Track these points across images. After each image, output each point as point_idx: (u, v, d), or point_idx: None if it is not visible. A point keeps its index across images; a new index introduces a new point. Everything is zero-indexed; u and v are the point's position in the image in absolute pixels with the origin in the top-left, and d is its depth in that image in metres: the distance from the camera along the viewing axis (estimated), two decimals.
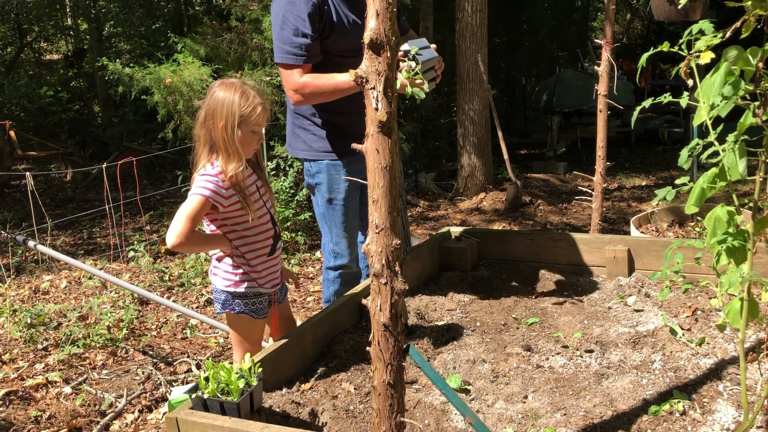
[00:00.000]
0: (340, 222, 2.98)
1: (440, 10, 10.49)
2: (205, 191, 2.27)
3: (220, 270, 2.45)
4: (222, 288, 2.44)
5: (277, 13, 2.74)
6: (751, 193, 1.63)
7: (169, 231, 2.24)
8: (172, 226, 2.23)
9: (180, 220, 2.23)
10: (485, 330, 2.72)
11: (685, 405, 2.03)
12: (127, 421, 3.15)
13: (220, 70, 6.71)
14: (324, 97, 2.78)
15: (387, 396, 1.58)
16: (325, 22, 2.75)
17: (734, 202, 1.63)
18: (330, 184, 2.93)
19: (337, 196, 2.95)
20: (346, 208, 2.97)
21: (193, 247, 2.34)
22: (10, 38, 16.42)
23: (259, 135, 2.43)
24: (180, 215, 2.24)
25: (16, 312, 4.37)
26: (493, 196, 7.92)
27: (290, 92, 2.78)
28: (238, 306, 2.45)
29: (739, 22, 1.55)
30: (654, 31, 16.83)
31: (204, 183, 2.29)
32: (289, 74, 2.75)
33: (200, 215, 2.29)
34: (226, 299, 2.45)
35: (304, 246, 5.94)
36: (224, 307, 2.46)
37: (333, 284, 3.10)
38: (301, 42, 2.69)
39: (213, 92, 2.35)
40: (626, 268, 3.18)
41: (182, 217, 2.24)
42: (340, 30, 2.78)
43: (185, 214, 2.24)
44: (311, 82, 2.74)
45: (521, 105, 13.21)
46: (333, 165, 2.91)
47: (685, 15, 3.44)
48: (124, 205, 6.66)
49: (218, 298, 2.47)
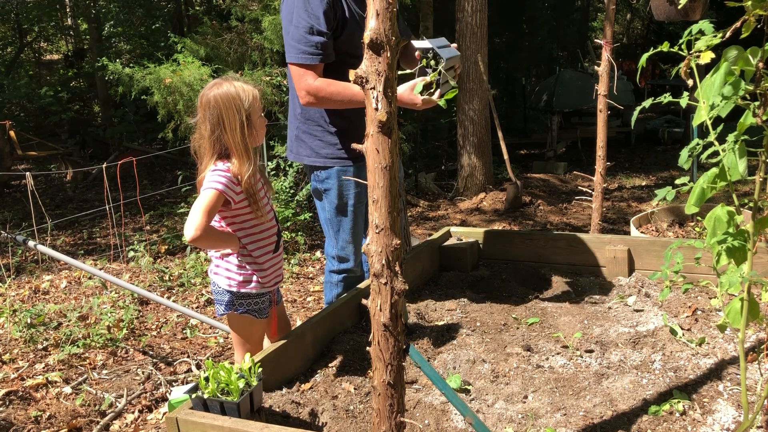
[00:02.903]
0: (348, 228, 2.90)
1: (440, 10, 10.48)
2: (218, 185, 2.28)
3: (224, 270, 2.44)
4: (226, 288, 2.44)
5: (288, 10, 2.64)
6: (751, 193, 1.63)
7: (187, 225, 2.25)
8: (189, 220, 2.24)
9: (197, 214, 2.24)
10: (485, 330, 2.72)
11: (685, 405, 2.03)
12: (127, 421, 3.15)
13: (220, 70, 6.71)
14: (336, 105, 2.69)
15: (387, 396, 1.58)
16: (338, 20, 2.65)
17: (734, 202, 1.63)
18: (340, 190, 2.84)
19: (348, 202, 2.86)
20: (355, 214, 2.89)
21: (210, 242, 2.35)
22: (10, 38, 16.42)
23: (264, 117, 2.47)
24: (196, 209, 2.25)
25: (16, 312, 4.37)
26: (493, 196, 7.92)
27: (302, 93, 2.67)
28: (242, 306, 2.45)
29: (739, 22, 1.55)
30: (654, 31, 16.83)
31: (216, 177, 2.30)
32: (303, 74, 2.64)
33: (215, 209, 2.30)
34: (230, 300, 2.44)
35: (304, 246, 5.94)
36: (228, 308, 2.45)
37: (336, 288, 3.03)
38: (316, 41, 2.59)
39: (207, 100, 2.33)
40: (626, 268, 3.18)
41: (198, 210, 2.25)
42: (352, 27, 2.69)
43: (201, 207, 2.25)
44: (326, 87, 2.63)
45: (521, 105, 13.22)
46: (344, 171, 2.82)
47: (685, 15, 3.44)
48: (124, 205, 6.66)
49: (221, 300, 2.47)
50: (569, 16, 14.72)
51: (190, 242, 2.26)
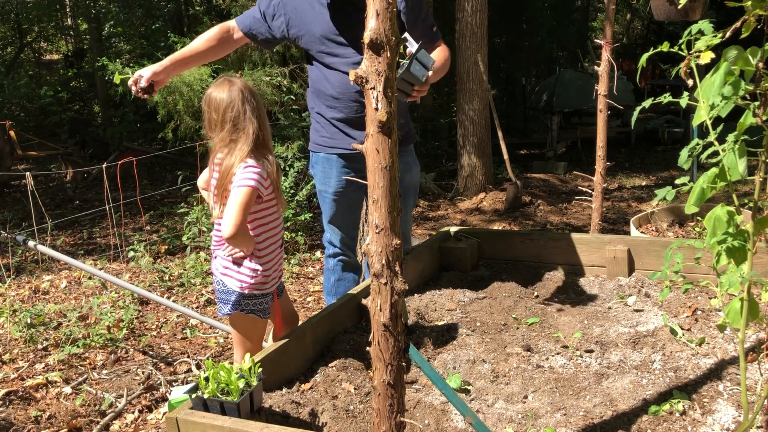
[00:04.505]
0: (329, 214, 3.04)
1: (440, 10, 10.49)
2: (251, 182, 2.32)
3: (235, 272, 2.45)
4: (236, 289, 2.44)
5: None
6: (751, 193, 1.63)
7: (225, 223, 2.28)
8: (227, 218, 2.28)
9: (234, 212, 2.28)
10: (485, 330, 2.72)
11: (685, 405, 2.03)
12: (127, 421, 3.15)
13: (220, 70, 6.70)
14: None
15: (387, 396, 1.58)
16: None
17: (734, 202, 1.63)
18: (322, 176, 2.98)
19: (328, 189, 2.99)
20: (336, 203, 3.00)
21: (244, 239, 2.37)
22: (10, 38, 16.42)
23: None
24: (233, 207, 2.28)
25: (16, 312, 4.37)
26: (493, 196, 7.92)
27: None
28: (248, 306, 2.47)
29: (739, 22, 1.55)
30: (654, 31, 16.84)
31: (249, 174, 2.33)
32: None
33: (250, 205, 2.34)
34: (236, 300, 2.45)
35: (304, 246, 5.94)
36: (234, 308, 2.46)
37: (333, 273, 3.16)
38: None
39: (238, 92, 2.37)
40: (626, 268, 3.18)
41: (236, 208, 2.28)
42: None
43: (238, 205, 2.28)
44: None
45: (521, 105, 13.22)
46: (327, 158, 2.96)
47: (685, 15, 3.44)
48: (124, 205, 6.66)
49: (227, 299, 2.47)
50: (569, 16, 14.72)
51: (229, 239, 2.30)
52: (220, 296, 2.50)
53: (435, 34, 2.90)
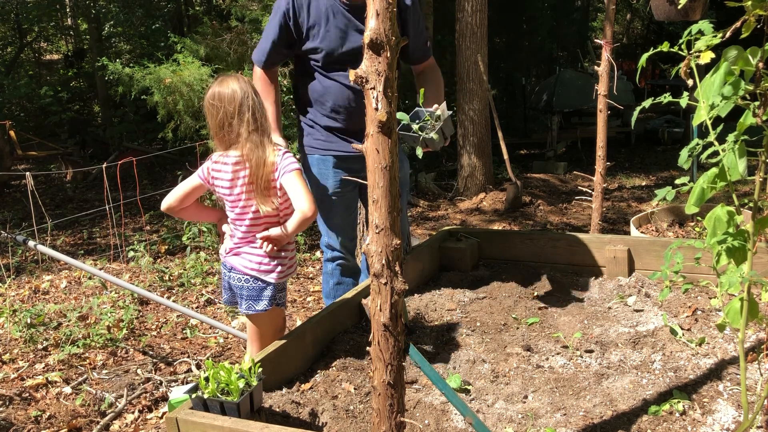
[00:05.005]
0: (327, 217, 3.03)
1: (440, 10, 10.48)
2: (297, 164, 2.39)
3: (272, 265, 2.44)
4: (272, 281, 2.44)
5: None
6: (751, 193, 1.63)
7: (304, 203, 2.32)
8: (303, 199, 2.32)
9: (307, 191, 2.34)
10: (485, 330, 2.72)
11: (685, 405, 2.03)
12: (127, 421, 3.15)
13: (219, 70, 6.71)
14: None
15: (387, 396, 1.58)
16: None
17: (734, 202, 1.63)
18: (318, 178, 2.98)
19: (325, 191, 2.98)
20: (335, 204, 2.99)
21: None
22: (10, 38, 16.41)
23: None
24: (304, 189, 2.34)
25: (16, 312, 4.37)
26: (493, 196, 7.92)
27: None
28: (281, 298, 2.51)
29: (739, 22, 1.55)
30: (654, 31, 16.83)
31: (291, 159, 2.39)
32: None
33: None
34: (272, 294, 2.46)
35: (304, 246, 5.94)
36: (271, 303, 2.46)
37: (332, 277, 3.14)
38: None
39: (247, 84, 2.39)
40: (626, 268, 3.18)
41: (305, 188, 2.35)
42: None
43: (304, 184, 2.36)
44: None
45: (521, 105, 13.21)
46: (322, 159, 2.95)
47: (685, 15, 3.43)
48: (124, 205, 6.66)
49: (263, 296, 2.45)
50: (569, 16, 14.71)
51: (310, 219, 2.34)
52: (250, 294, 2.46)
53: (428, 49, 3.02)
